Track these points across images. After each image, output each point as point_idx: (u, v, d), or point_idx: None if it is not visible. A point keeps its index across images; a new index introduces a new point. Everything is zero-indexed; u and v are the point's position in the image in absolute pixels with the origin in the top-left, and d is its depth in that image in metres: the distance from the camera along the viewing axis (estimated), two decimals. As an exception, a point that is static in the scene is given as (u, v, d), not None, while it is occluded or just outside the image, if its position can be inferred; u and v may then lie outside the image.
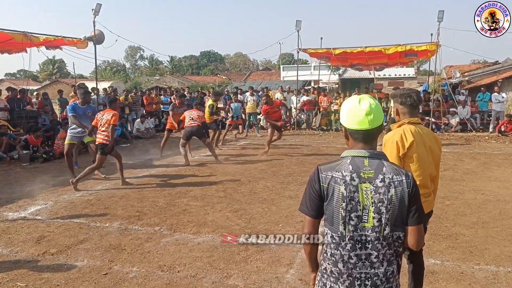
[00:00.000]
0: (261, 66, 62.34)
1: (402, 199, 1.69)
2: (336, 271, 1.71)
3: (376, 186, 1.68)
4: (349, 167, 1.70)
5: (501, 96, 14.06)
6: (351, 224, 1.68)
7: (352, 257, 1.69)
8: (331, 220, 1.71)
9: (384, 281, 1.70)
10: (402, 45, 13.52)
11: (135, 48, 70.10)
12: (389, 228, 1.69)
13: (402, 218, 1.71)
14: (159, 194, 6.54)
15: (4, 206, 5.95)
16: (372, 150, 1.76)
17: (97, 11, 12.57)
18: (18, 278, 3.67)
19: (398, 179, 1.70)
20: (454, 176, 7.72)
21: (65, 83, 34.45)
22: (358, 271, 1.69)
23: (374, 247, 1.69)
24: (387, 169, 1.71)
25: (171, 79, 42.57)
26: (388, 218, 1.68)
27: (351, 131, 1.77)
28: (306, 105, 16.48)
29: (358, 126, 1.74)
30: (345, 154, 1.78)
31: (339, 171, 1.70)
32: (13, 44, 11.39)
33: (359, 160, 1.72)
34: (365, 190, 1.68)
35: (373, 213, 1.68)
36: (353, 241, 1.69)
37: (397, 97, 2.86)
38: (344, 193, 1.67)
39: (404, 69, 34.54)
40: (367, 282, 1.69)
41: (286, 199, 6.17)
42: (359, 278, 1.69)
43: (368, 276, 1.69)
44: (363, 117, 1.73)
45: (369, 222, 1.68)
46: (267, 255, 4.10)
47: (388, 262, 1.72)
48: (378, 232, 1.68)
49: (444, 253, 4.14)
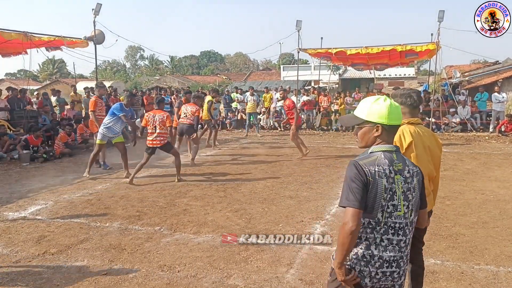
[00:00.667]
0: (261, 66, 62.26)
1: (420, 186, 1.97)
2: (368, 254, 1.86)
3: (405, 177, 1.89)
4: (385, 161, 1.87)
5: (501, 96, 14.05)
6: (387, 211, 1.85)
7: (384, 240, 1.86)
8: (370, 209, 1.84)
9: (406, 262, 1.94)
10: (402, 45, 13.51)
11: (135, 48, 70.07)
12: (414, 214, 1.94)
13: (418, 203, 1.98)
14: (159, 194, 6.54)
15: (4, 206, 5.95)
16: (395, 145, 1.96)
17: (97, 11, 12.58)
18: (19, 278, 3.67)
19: (416, 169, 1.96)
20: (454, 176, 7.72)
21: (65, 83, 34.40)
22: (388, 254, 1.87)
23: (404, 233, 1.90)
24: (408, 161, 1.97)
25: (172, 79, 42.52)
26: (413, 205, 1.92)
27: (390, 127, 1.92)
28: (306, 105, 16.47)
29: (398, 122, 1.94)
30: (376, 149, 1.92)
31: (380, 165, 1.85)
32: (13, 45, 11.40)
33: (390, 154, 1.91)
34: (398, 181, 1.87)
35: (403, 201, 1.88)
36: (386, 226, 1.86)
37: (397, 97, 2.86)
38: (386, 185, 1.84)
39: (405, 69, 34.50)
40: (393, 264, 1.88)
41: (286, 199, 6.17)
42: (387, 261, 1.87)
43: (395, 258, 1.88)
44: (400, 114, 1.95)
45: (401, 211, 1.88)
46: (267, 255, 4.10)
47: (410, 245, 1.96)
48: (407, 218, 1.90)
49: (444, 253, 4.15)
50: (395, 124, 1.93)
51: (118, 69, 64.43)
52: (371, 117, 1.92)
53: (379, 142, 1.93)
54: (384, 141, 1.92)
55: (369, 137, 1.95)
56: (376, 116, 1.90)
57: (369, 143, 1.95)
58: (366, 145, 1.97)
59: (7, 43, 11.01)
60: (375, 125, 1.91)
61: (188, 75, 52.09)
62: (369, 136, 1.95)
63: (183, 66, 65.00)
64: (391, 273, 1.88)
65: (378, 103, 1.92)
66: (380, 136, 1.92)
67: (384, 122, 1.89)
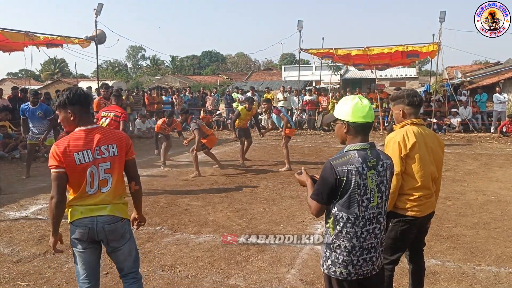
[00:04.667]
0: (262, 66, 62.27)
1: (391, 177, 2.22)
2: (349, 246, 2.04)
3: (378, 171, 2.06)
4: (359, 159, 2.01)
5: (503, 97, 14.03)
6: (362, 205, 2.02)
7: (364, 232, 2.05)
8: (347, 205, 2.01)
9: (381, 245, 2.16)
10: (403, 45, 13.49)
11: (137, 48, 70.15)
12: (386, 202, 2.14)
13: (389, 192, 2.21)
14: (160, 193, 6.54)
15: (5, 206, 5.96)
16: (369, 141, 2.09)
17: (99, 10, 12.59)
18: (20, 278, 3.68)
19: (389, 162, 2.15)
20: (455, 176, 7.71)
21: (66, 82, 34.42)
22: (367, 242, 2.06)
23: (378, 221, 2.09)
24: (383, 156, 2.13)
25: (173, 79, 42.54)
26: (386, 195, 2.13)
27: (356, 125, 2.06)
28: (309, 105, 16.44)
29: (364, 120, 2.06)
30: (351, 148, 2.07)
31: (352, 164, 2.00)
32: (15, 44, 11.41)
33: (364, 151, 2.05)
34: (371, 176, 2.03)
35: (377, 193, 2.06)
36: (364, 219, 2.04)
37: (403, 98, 2.83)
38: (359, 181, 1.99)
39: (406, 70, 34.53)
40: (372, 250, 2.09)
41: (287, 199, 6.17)
42: (366, 248, 2.07)
43: (373, 245, 2.09)
44: (367, 112, 2.06)
45: (375, 202, 2.06)
46: (268, 255, 4.10)
47: (384, 230, 2.18)
48: (381, 208, 2.10)
49: (445, 253, 4.14)
50: (360, 122, 2.05)
51: (119, 69, 64.49)
52: (339, 115, 2.12)
53: (351, 139, 2.09)
54: (355, 138, 2.08)
55: (341, 133, 2.14)
56: (343, 114, 2.09)
57: (343, 139, 2.14)
58: (341, 140, 2.17)
59: (8, 40, 11.01)
60: (343, 122, 2.10)
61: (189, 75, 52.11)
62: (340, 132, 2.14)
63: (184, 66, 65.05)
64: (370, 258, 2.09)
65: (346, 103, 2.10)
66: (348, 132, 2.09)
67: (349, 120, 2.06)
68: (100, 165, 2.42)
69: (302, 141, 13.13)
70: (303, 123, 16.66)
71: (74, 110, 2.44)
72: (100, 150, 2.42)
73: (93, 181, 2.42)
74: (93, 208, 2.45)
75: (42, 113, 7.62)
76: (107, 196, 2.46)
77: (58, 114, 2.52)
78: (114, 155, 2.48)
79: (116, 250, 2.54)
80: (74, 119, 2.45)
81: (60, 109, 2.47)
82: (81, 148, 2.38)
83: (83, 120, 2.47)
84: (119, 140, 2.51)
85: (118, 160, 2.50)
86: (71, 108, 2.43)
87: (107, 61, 61.30)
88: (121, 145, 2.51)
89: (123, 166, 2.55)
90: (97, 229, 2.44)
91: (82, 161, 2.37)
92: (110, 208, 2.47)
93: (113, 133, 2.55)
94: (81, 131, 2.43)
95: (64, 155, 2.35)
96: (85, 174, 2.39)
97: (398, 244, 2.77)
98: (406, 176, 2.69)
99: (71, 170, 2.37)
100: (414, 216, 2.70)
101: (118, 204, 2.51)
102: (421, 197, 2.70)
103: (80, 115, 2.46)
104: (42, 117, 7.61)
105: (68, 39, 12.38)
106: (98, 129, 2.50)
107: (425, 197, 2.72)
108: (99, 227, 2.44)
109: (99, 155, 2.42)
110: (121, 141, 2.52)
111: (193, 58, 69.05)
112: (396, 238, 2.74)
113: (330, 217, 2.08)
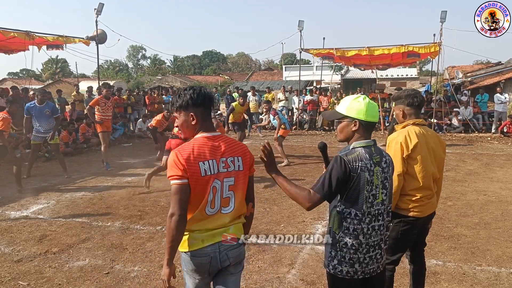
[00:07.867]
0: (263, 66, 62.25)
1: (393, 173, 2.23)
2: (356, 243, 2.03)
3: (382, 167, 2.07)
4: (366, 156, 2.02)
5: (504, 97, 14.01)
6: (369, 201, 2.02)
7: (369, 229, 2.04)
8: (355, 201, 2.01)
9: (384, 242, 2.16)
10: (404, 45, 13.48)
11: (138, 47, 70.18)
12: (390, 199, 2.15)
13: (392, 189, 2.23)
14: (161, 193, 6.54)
15: (6, 205, 5.97)
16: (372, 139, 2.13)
17: (100, 10, 12.59)
18: (20, 277, 3.68)
19: (390, 159, 2.17)
20: (456, 176, 7.70)
21: (67, 82, 34.51)
22: (372, 239, 2.06)
23: (382, 218, 2.09)
24: (384, 152, 2.15)
25: (174, 78, 42.59)
26: (389, 191, 2.13)
27: (368, 124, 2.08)
28: (310, 104, 16.43)
29: (375, 119, 2.10)
30: (358, 145, 2.06)
31: (362, 160, 2.00)
32: (15, 44, 11.42)
33: (369, 149, 2.06)
34: (376, 172, 2.03)
35: (382, 189, 2.06)
36: (370, 215, 2.04)
37: (402, 98, 2.83)
38: (368, 178, 2.00)
39: (407, 70, 34.50)
40: (376, 246, 2.08)
41: (288, 199, 6.16)
42: (372, 245, 2.06)
43: (377, 242, 2.08)
44: (376, 111, 2.12)
45: (379, 198, 2.06)
46: (268, 255, 4.10)
47: (388, 227, 2.19)
48: (385, 205, 2.10)
49: (446, 254, 4.14)
50: (371, 121, 2.09)
51: (120, 68, 64.52)
52: (350, 113, 2.09)
53: (358, 137, 2.08)
54: (362, 136, 2.08)
55: (348, 131, 2.11)
56: (355, 112, 2.08)
57: (347, 136, 2.12)
58: (344, 138, 2.14)
59: (9, 41, 11.03)
60: (353, 120, 2.07)
61: (190, 75, 52.18)
62: (347, 130, 2.11)
63: (185, 66, 65.08)
64: (375, 255, 2.08)
65: (358, 101, 2.10)
66: (357, 130, 2.08)
67: (362, 118, 2.06)
68: (225, 180, 2.04)
69: (303, 141, 13.12)
70: (304, 123, 16.65)
71: (196, 112, 2.07)
72: (226, 163, 2.06)
73: (215, 199, 2.02)
74: (216, 233, 2.05)
75: (50, 111, 7.63)
76: (228, 218, 2.08)
77: (176, 116, 2.16)
78: (239, 169, 2.11)
79: (230, 275, 2.14)
80: (196, 124, 2.08)
81: (180, 111, 2.10)
82: (207, 157, 2.01)
83: (206, 125, 2.11)
84: (244, 153, 2.17)
85: (243, 176, 2.14)
86: (194, 110, 2.07)
87: (108, 60, 61.44)
88: (245, 159, 2.17)
89: (246, 183, 2.19)
90: (220, 257, 2.05)
91: (208, 173, 1.98)
92: (233, 229, 2.10)
93: (237, 144, 2.20)
94: (204, 138, 2.07)
95: (188, 164, 1.95)
96: (208, 189, 1.99)
97: (399, 244, 2.77)
98: (408, 176, 2.68)
99: (194, 182, 1.96)
100: (416, 217, 2.70)
101: (239, 224, 2.16)
102: (423, 197, 2.69)
103: (203, 119, 2.10)
104: (49, 115, 7.61)
105: (69, 39, 12.38)
106: (223, 137, 2.14)
107: (426, 197, 2.72)
108: (222, 255, 2.05)
109: (224, 168, 2.05)
110: (246, 154, 2.19)
111: (194, 58, 69.07)
112: (397, 239, 2.74)
113: (335, 215, 2.05)
